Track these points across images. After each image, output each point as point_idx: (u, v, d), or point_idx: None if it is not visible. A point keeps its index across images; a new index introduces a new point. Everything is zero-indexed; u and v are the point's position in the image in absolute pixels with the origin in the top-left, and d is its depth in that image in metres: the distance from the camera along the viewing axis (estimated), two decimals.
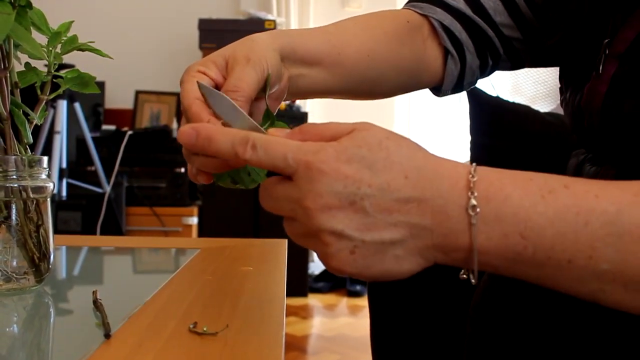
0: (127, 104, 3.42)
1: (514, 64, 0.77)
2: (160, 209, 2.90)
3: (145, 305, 0.53)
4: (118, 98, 3.43)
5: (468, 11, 0.72)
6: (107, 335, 0.44)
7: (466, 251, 0.41)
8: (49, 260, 0.60)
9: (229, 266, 0.73)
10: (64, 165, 2.41)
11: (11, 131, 0.56)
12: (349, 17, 0.71)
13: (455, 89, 0.77)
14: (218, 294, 0.58)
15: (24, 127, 0.56)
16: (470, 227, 0.40)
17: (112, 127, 3.18)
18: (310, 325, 2.50)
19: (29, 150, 0.59)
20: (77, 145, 2.86)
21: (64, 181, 2.42)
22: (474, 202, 0.40)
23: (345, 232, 0.40)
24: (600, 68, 0.61)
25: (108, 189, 2.63)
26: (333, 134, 0.43)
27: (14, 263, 0.57)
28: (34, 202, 0.58)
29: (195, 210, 2.97)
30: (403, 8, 0.75)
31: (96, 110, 3.23)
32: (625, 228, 0.39)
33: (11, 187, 0.56)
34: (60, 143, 2.37)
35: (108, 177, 2.68)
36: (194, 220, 2.94)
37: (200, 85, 0.49)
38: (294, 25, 3.55)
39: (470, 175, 0.41)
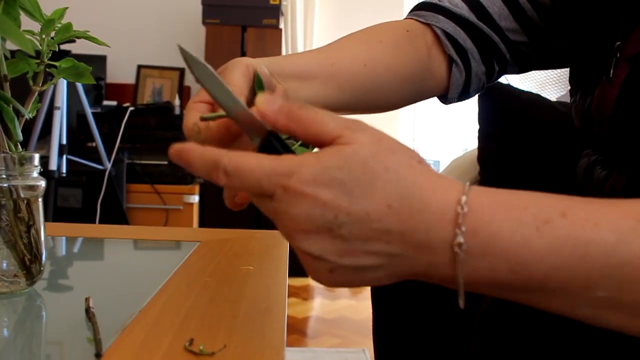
0: (129, 78, 3.38)
1: (521, 68, 0.76)
2: (162, 186, 2.88)
3: (140, 315, 0.50)
4: (120, 72, 3.39)
5: (472, 17, 0.70)
6: (98, 355, 0.41)
7: (449, 282, 0.39)
8: (40, 262, 0.57)
9: (229, 264, 0.70)
10: (64, 141, 2.38)
11: (0, 127, 0.53)
12: (344, 35, 0.69)
13: (462, 97, 0.75)
14: (217, 301, 0.56)
15: (13, 124, 0.53)
16: (454, 262, 0.37)
17: (114, 103, 3.14)
18: (311, 307, 2.50)
19: (19, 147, 0.56)
20: (77, 121, 2.82)
21: (64, 157, 2.39)
22: (460, 239, 0.37)
23: (322, 256, 0.38)
24: (611, 72, 0.58)
25: (109, 165, 2.60)
26: (318, 132, 0.39)
27: (4, 265, 0.55)
28: (25, 202, 0.55)
29: (196, 188, 2.94)
30: (406, 17, 0.73)
31: (97, 85, 3.19)
32: (625, 258, 0.36)
33: (0, 186, 0.53)
34: (61, 119, 2.33)
35: (109, 153, 2.64)
36: (196, 199, 2.92)
37: (182, 51, 0.43)
38: (299, 2, 3.48)
39: (460, 207, 0.37)
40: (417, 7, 0.73)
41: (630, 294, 0.37)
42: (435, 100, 0.77)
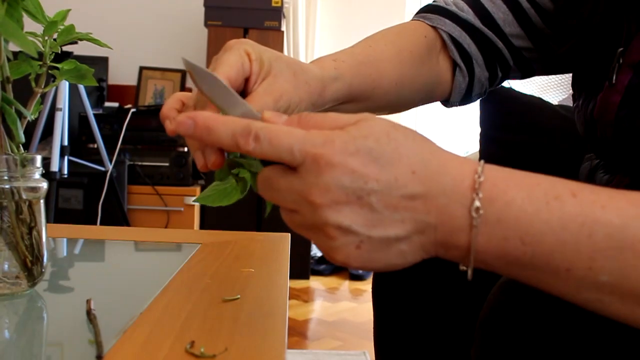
0: (130, 80, 3.38)
1: (524, 74, 0.76)
2: (163, 188, 2.88)
3: (141, 317, 0.50)
4: (122, 74, 3.39)
5: (477, 22, 0.71)
6: (99, 357, 0.41)
7: (465, 250, 0.40)
8: (42, 263, 0.57)
9: (230, 267, 0.70)
10: (66, 142, 2.37)
11: (2, 129, 0.53)
12: (380, 34, 0.69)
13: (464, 101, 0.76)
14: (218, 303, 0.56)
15: (15, 125, 0.53)
16: (471, 227, 0.39)
17: (115, 104, 3.14)
18: (312, 310, 2.49)
19: (21, 148, 0.56)
20: (79, 122, 2.82)
21: (66, 159, 2.38)
22: (477, 203, 0.39)
23: (352, 228, 0.39)
24: (614, 78, 0.58)
25: (110, 167, 2.60)
26: (334, 124, 0.41)
27: (5, 267, 0.55)
28: (27, 203, 0.55)
29: (197, 190, 2.94)
30: (413, 19, 0.73)
31: (99, 86, 3.19)
32: (628, 242, 0.38)
33: (2, 188, 0.53)
34: (62, 120, 2.32)
35: (110, 155, 2.64)
36: None
37: (186, 63, 0.44)
38: (301, 4, 3.48)
39: (477, 175, 0.40)
40: (425, 10, 0.74)
41: (632, 280, 0.38)
42: (437, 103, 0.78)
